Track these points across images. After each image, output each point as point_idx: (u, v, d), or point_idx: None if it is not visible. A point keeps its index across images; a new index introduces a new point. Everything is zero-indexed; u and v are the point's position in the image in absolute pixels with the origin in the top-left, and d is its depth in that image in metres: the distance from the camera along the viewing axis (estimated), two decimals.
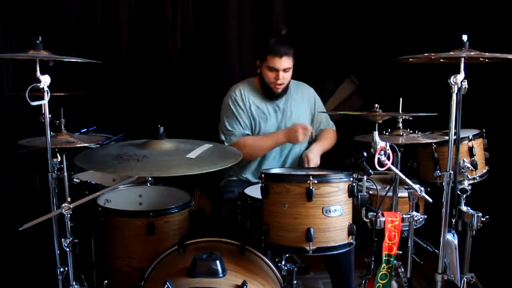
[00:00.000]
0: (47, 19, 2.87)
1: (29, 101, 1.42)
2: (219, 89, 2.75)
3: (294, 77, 2.39)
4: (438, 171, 2.12)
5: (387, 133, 2.08)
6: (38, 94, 1.48)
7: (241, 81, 2.47)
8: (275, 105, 2.38)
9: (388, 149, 1.58)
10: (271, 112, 2.37)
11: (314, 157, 2.26)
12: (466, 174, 2.14)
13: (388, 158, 1.58)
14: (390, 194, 2.04)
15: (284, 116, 2.38)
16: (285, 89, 2.35)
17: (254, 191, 1.82)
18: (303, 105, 2.45)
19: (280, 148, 2.36)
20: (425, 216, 1.72)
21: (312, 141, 2.44)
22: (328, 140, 2.44)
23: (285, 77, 2.27)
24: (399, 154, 1.73)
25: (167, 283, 1.28)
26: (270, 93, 2.34)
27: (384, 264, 1.63)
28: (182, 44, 3.12)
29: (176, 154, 1.44)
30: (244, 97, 2.35)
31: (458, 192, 1.81)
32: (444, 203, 1.66)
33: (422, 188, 1.67)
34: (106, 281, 1.69)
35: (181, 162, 1.38)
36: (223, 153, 1.56)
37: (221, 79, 3.11)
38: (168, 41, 3.09)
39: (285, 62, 2.24)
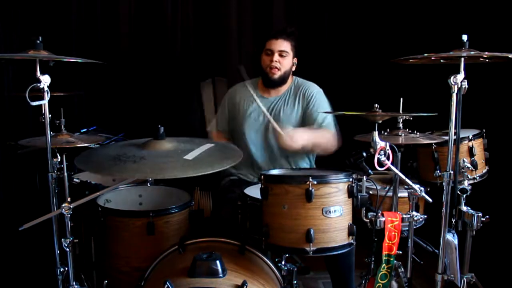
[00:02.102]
0: (47, 19, 2.87)
1: (29, 101, 1.43)
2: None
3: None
4: (438, 171, 2.13)
5: (385, 133, 2.09)
6: (38, 94, 1.48)
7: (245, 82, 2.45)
8: (266, 105, 2.30)
9: (387, 149, 1.58)
10: (259, 112, 2.33)
11: (294, 132, 2.10)
12: (466, 174, 2.15)
13: (388, 158, 1.58)
14: (390, 194, 2.05)
15: (272, 115, 2.29)
16: (282, 79, 2.30)
17: (254, 191, 1.82)
18: (296, 105, 2.35)
19: (265, 144, 2.36)
20: (425, 216, 1.72)
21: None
22: (319, 133, 2.23)
23: (280, 61, 2.25)
24: (399, 154, 1.73)
25: (167, 283, 1.28)
26: (266, 80, 2.32)
27: (384, 264, 1.63)
28: (182, 44, 3.12)
29: (174, 156, 1.44)
30: (241, 94, 2.38)
31: (458, 192, 1.81)
32: (444, 203, 1.66)
33: (422, 188, 1.67)
34: (106, 281, 1.70)
35: (177, 164, 1.38)
36: (222, 153, 1.55)
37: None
38: (168, 41, 3.09)
39: (281, 44, 2.23)
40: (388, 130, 2.11)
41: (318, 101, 2.34)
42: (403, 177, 1.66)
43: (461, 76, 1.54)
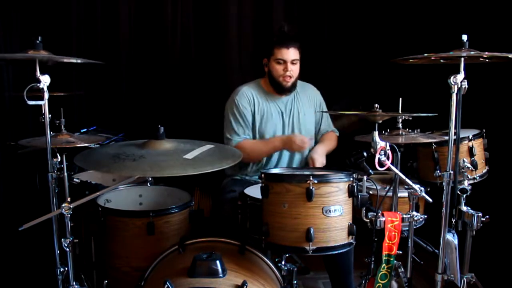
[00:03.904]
0: (47, 19, 2.87)
1: (26, 100, 1.42)
2: (219, 89, 2.76)
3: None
4: (438, 171, 2.12)
5: (386, 133, 2.08)
6: (38, 94, 1.48)
7: (246, 82, 2.47)
8: (281, 105, 2.39)
9: (388, 149, 1.58)
10: (277, 112, 2.38)
11: (319, 157, 2.29)
12: (466, 174, 2.15)
13: (388, 158, 1.58)
14: (390, 194, 2.04)
15: (291, 116, 2.40)
16: (294, 85, 2.37)
17: (254, 191, 1.82)
18: (310, 107, 2.47)
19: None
20: (425, 216, 1.72)
21: (315, 143, 2.46)
22: (331, 142, 2.49)
23: (293, 69, 2.30)
24: (399, 154, 1.73)
25: (167, 283, 1.28)
26: (279, 88, 2.35)
27: (384, 264, 1.63)
28: (182, 44, 3.12)
29: (174, 155, 1.44)
30: (248, 98, 2.36)
31: (458, 192, 1.81)
32: (444, 203, 1.66)
33: (422, 188, 1.67)
34: (106, 281, 1.70)
35: (177, 162, 1.38)
36: (222, 154, 1.55)
37: (221, 79, 3.11)
38: (168, 41, 3.09)
39: (293, 53, 2.27)
40: (388, 130, 2.11)
41: (323, 105, 2.56)
42: (403, 177, 1.66)
43: (461, 76, 1.55)
